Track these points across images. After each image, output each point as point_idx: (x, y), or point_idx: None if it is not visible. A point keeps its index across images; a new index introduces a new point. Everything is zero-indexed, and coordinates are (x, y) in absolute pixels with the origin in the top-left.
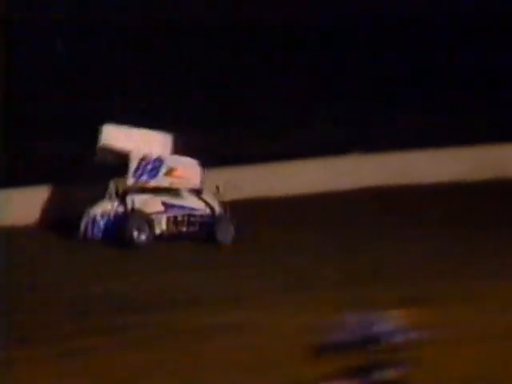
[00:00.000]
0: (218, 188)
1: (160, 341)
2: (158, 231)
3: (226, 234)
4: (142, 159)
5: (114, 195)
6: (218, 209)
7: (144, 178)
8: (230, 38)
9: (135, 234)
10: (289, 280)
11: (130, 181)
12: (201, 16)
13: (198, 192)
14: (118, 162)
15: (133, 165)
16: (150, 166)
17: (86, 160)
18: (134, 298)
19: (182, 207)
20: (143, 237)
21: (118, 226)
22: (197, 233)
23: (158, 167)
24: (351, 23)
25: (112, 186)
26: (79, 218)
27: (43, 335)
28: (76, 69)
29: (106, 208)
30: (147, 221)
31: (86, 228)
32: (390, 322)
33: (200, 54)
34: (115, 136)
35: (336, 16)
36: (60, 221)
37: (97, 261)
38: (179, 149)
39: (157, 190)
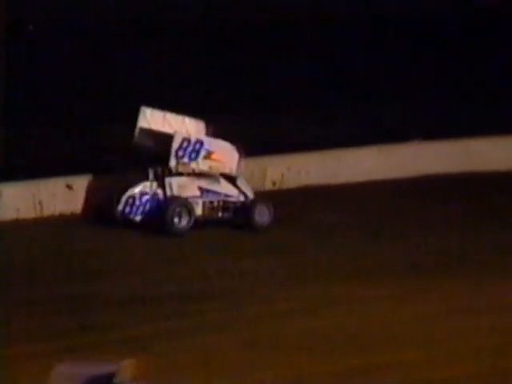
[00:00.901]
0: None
1: (224, 325)
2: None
3: (261, 217)
4: (184, 140)
5: (152, 177)
6: (251, 195)
7: (185, 159)
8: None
9: (176, 220)
10: (347, 267)
11: (172, 161)
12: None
13: (232, 179)
14: (156, 145)
15: (175, 145)
16: (190, 148)
17: (122, 149)
18: (193, 283)
19: (217, 193)
20: (184, 223)
21: (158, 211)
22: (232, 218)
23: (198, 150)
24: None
25: (150, 167)
26: (118, 198)
27: (111, 321)
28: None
29: (144, 188)
30: (187, 206)
31: (124, 207)
32: (124, 372)
33: (257, 36)
34: (153, 119)
35: None
36: (99, 210)
37: (145, 248)
38: (220, 134)
39: (194, 174)
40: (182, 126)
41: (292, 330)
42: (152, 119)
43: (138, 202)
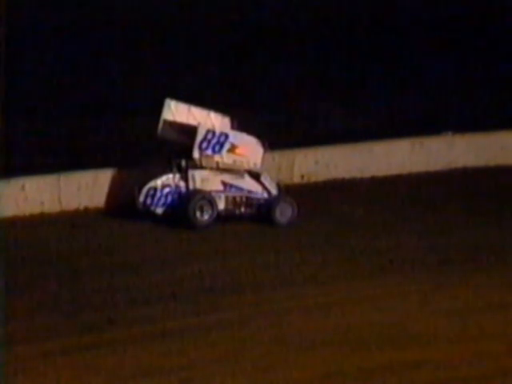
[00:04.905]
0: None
1: (252, 321)
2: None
3: (283, 215)
4: (208, 132)
5: (175, 169)
6: (275, 191)
7: (209, 151)
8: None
9: (198, 213)
10: (375, 262)
11: (195, 153)
12: None
13: (256, 175)
14: (180, 137)
15: (199, 137)
16: (214, 141)
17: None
18: (221, 278)
19: (240, 189)
20: (206, 217)
21: (180, 204)
22: (254, 214)
23: (222, 143)
24: None
25: (173, 159)
26: (140, 189)
27: (138, 315)
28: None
29: (167, 180)
30: (209, 200)
31: (145, 198)
32: None
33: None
34: (178, 111)
35: None
36: (123, 203)
37: (169, 242)
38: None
39: (219, 169)
40: (206, 120)
41: (319, 326)
42: (176, 112)
43: (159, 194)
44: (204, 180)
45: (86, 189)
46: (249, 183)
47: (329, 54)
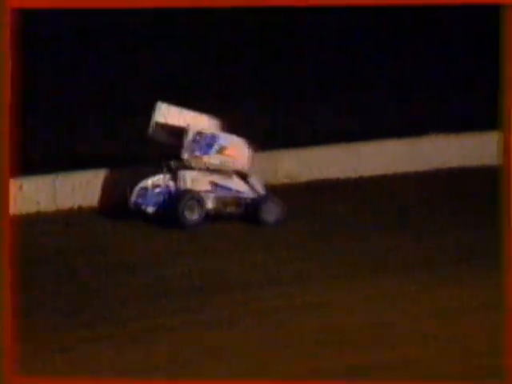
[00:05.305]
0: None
1: (241, 320)
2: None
3: (270, 214)
4: (198, 133)
5: (165, 169)
6: (263, 191)
7: (197, 152)
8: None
9: (187, 213)
10: (360, 263)
11: (185, 154)
12: None
13: (244, 176)
14: (170, 139)
15: (188, 138)
16: (203, 142)
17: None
18: (210, 277)
19: (228, 189)
20: (195, 216)
21: (170, 204)
22: (242, 214)
23: (211, 144)
24: None
25: (164, 160)
26: (131, 189)
27: (128, 313)
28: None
29: (157, 180)
30: (198, 200)
31: (136, 197)
32: None
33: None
34: (168, 114)
35: None
36: (115, 203)
37: (160, 242)
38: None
39: (207, 169)
40: (196, 121)
41: (307, 325)
42: (167, 114)
43: (150, 194)
44: (194, 180)
45: (80, 188)
46: (237, 183)
47: (326, 54)
